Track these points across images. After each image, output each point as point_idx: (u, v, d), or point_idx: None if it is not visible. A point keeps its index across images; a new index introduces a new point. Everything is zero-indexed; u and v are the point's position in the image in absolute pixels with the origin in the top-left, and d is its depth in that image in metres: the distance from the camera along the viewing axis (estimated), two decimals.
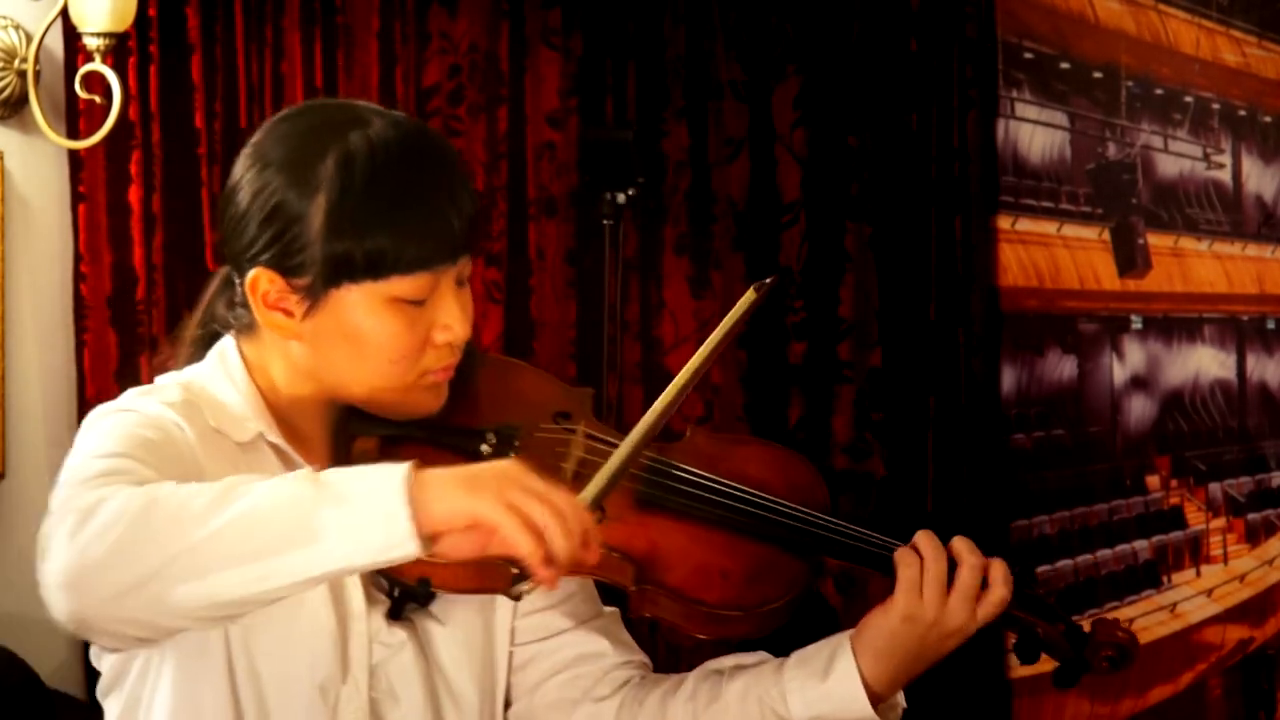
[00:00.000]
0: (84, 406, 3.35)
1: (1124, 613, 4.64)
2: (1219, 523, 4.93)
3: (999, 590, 1.71)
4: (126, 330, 3.41)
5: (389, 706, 1.71)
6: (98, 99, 3.27)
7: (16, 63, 3.31)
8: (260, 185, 1.66)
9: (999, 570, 1.72)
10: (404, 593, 1.73)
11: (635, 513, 1.73)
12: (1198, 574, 4.86)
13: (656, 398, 1.70)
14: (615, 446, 1.63)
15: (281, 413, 1.73)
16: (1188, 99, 4.89)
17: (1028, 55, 4.54)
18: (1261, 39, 5.04)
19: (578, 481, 1.69)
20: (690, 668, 1.84)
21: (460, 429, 1.75)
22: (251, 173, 1.67)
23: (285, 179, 1.65)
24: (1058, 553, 4.54)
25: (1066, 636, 1.77)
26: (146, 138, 3.42)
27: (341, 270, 1.63)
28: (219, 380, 1.72)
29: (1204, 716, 4.93)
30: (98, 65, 3.22)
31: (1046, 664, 1.79)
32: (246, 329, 1.74)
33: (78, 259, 3.40)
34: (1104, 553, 4.65)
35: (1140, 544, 4.74)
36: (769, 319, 4.18)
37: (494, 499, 1.44)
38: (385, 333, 1.65)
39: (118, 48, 3.27)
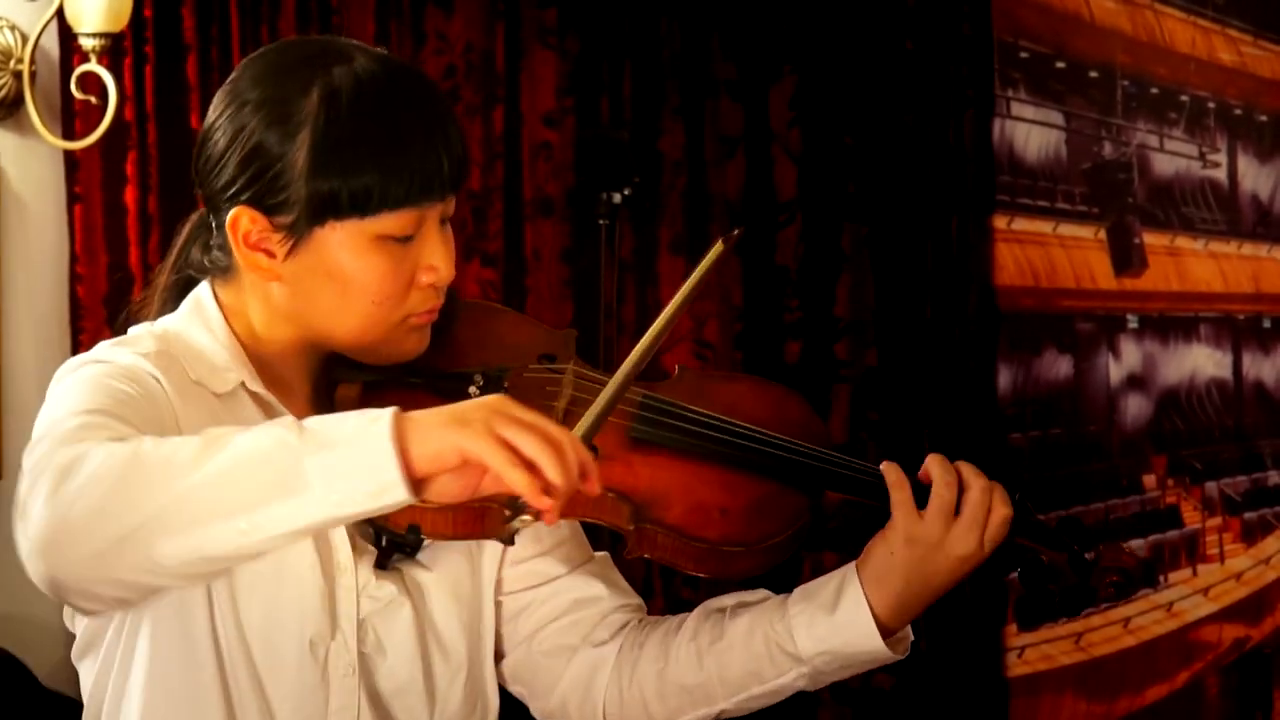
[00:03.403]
0: None
1: (1120, 612, 4.64)
2: (1215, 521, 4.93)
3: (1001, 510, 1.67)
4: (122, 331, 3.40)
5: (377, 660, 1.69)
6: (93, 99, 3.26)
7: (12, 63, 3.31)
8: (240, 124, 1.62)
9: (1000, 492, 1.68)
10: (392, 541, 1.69)
11: (629, 451, 1.69)
12: (1194, 573, 4.86)
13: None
14: (605, 383, 1.59)
15: (261, 360, 1.69)
16: (1183, 98, 4.89)
17: (1023, 54, 4.54)
18: (1257, 38, 5.04)
19: (569, 419, 1.65)
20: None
21: (446, 372, 1.71)
22: (229, 111, 1.63)
23: (266, 116, 1.60)
24: None
25: (1070, 563, 1.74)
26: (142, 138, 3.41)
27: (327, 207, 1.59)
28: (196, 329, 1.69)
29: (1201, 715, 4.93)
30: (93, 66, 3.22)
31: (1043, 663, 1.79)
32: (223, 273, 1.70)
33: (73, 260, 3.39)
34: None
35: (1137, 543, 4.74)
36: (765, 318, 4.18)
37: (482, 434, 1.37)
38: (371, 273, 1.61)
39: (113, 48, 3.27)
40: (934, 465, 1.69)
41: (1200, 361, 4.96)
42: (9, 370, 3.36)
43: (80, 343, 3.38)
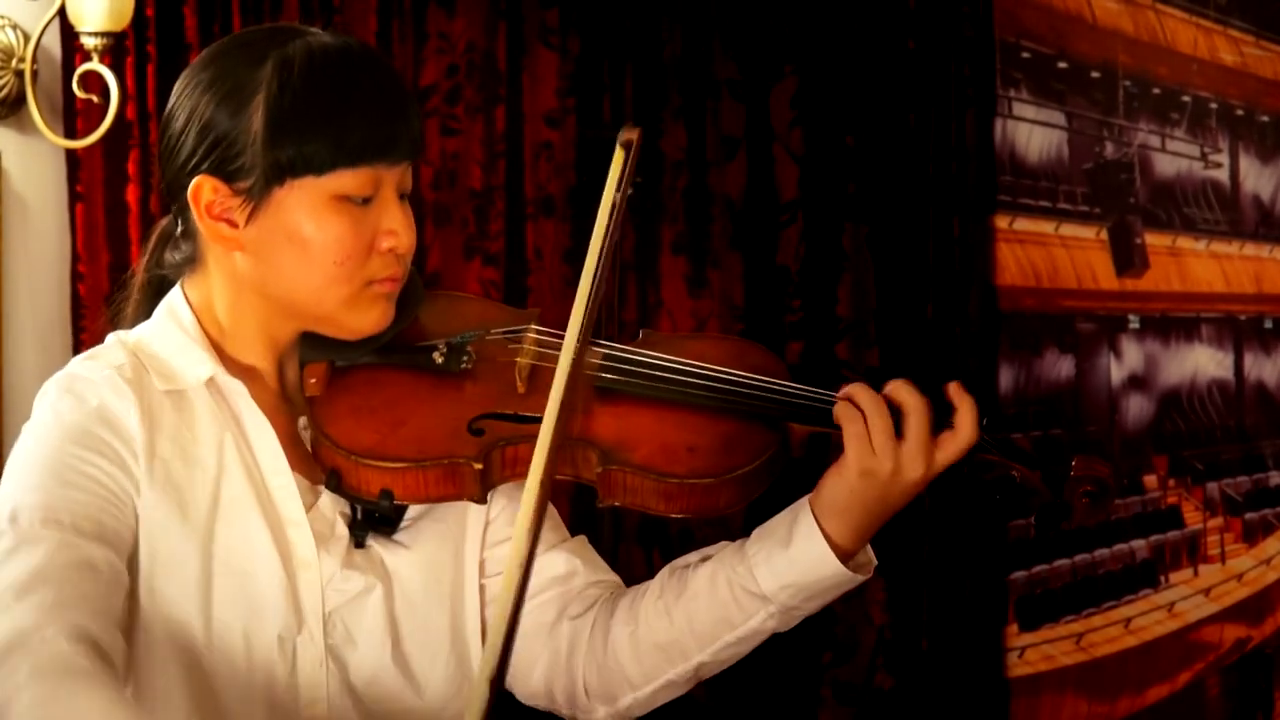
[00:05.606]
0: None
1: (1121, 612, 4.64)
2: (1216, 522, 4.93)
3: (965, 433, 1.70)
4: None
5: (347, 651, 1.71)
6: (95, 98, 3.27)
7: (14, 62, 3.31)
8: (197, 99, 1.67)
9: (966, 413, 1.71)
10: (367, 514, 1.72)
11: (596, 402, 1.73)
12: (1195, 573, 4.86)
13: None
14: (564, 338, 1.65)
15: (230, 353, 1.74)
16: (1185, 98, 4.89)
17: (1025, 55, 4.54)
18: (1259, 38, 5.04)
19: (534, 378, 1.72)
20: None
21: (410, 346, 1.76)
22: (187, 90, 1.69)
23: (223, 88, 1.66)
24: (1055, 552, 4.54)
25: (1045, 480, 1.76)
26: (144, 137, 3.42)
27: (284, 167, 1.64)
28: (169, 331, 1.73)
29: (1202, 716, 4.93)
30: (95, 65, 3.22)
31: (1044, 663, 1.78)
32: (191, 265, 1.75)
33: (75, 259, 3.39)
34: (1102, 552, 4.65)
35: (1138, 543, 4.74)
36: (767, 318, 4.18)
37: None
38: (329, 232, 1.66)
39: (115, 47, 3.27)
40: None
41: (1202, 362, 4.95)
42: (10, 369, 3.36)
43: (82, 342, 3.38)
